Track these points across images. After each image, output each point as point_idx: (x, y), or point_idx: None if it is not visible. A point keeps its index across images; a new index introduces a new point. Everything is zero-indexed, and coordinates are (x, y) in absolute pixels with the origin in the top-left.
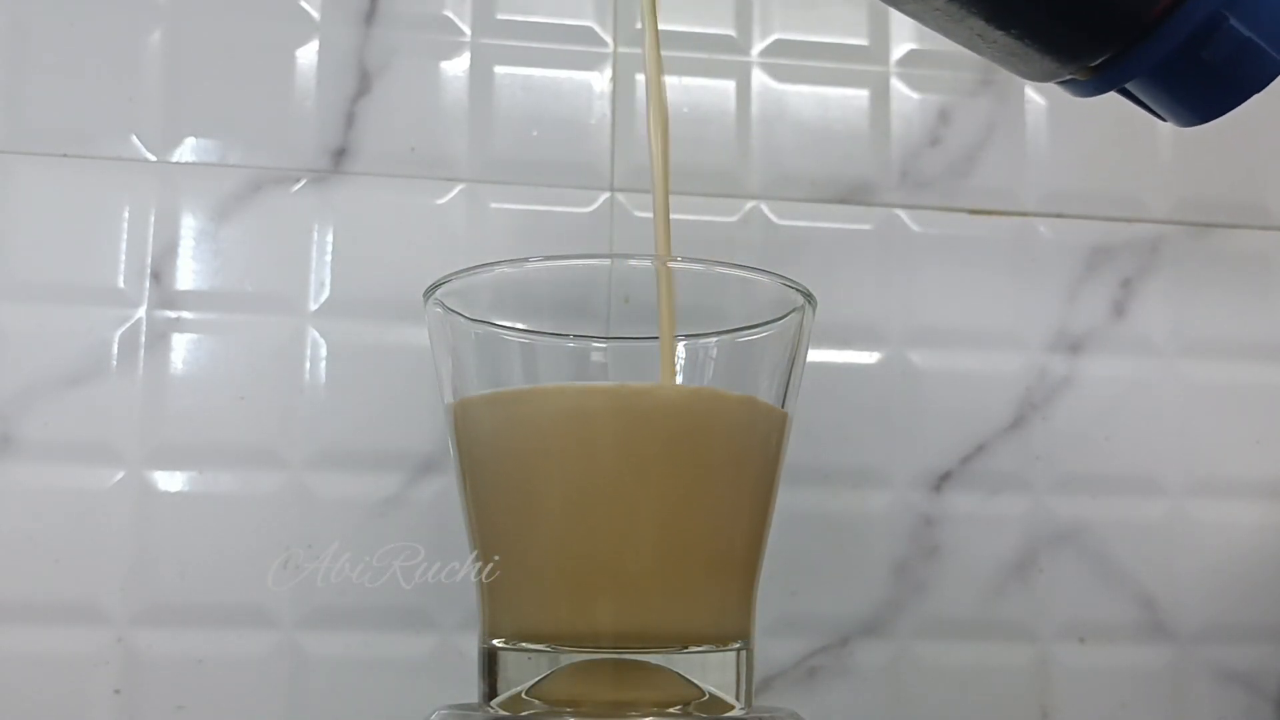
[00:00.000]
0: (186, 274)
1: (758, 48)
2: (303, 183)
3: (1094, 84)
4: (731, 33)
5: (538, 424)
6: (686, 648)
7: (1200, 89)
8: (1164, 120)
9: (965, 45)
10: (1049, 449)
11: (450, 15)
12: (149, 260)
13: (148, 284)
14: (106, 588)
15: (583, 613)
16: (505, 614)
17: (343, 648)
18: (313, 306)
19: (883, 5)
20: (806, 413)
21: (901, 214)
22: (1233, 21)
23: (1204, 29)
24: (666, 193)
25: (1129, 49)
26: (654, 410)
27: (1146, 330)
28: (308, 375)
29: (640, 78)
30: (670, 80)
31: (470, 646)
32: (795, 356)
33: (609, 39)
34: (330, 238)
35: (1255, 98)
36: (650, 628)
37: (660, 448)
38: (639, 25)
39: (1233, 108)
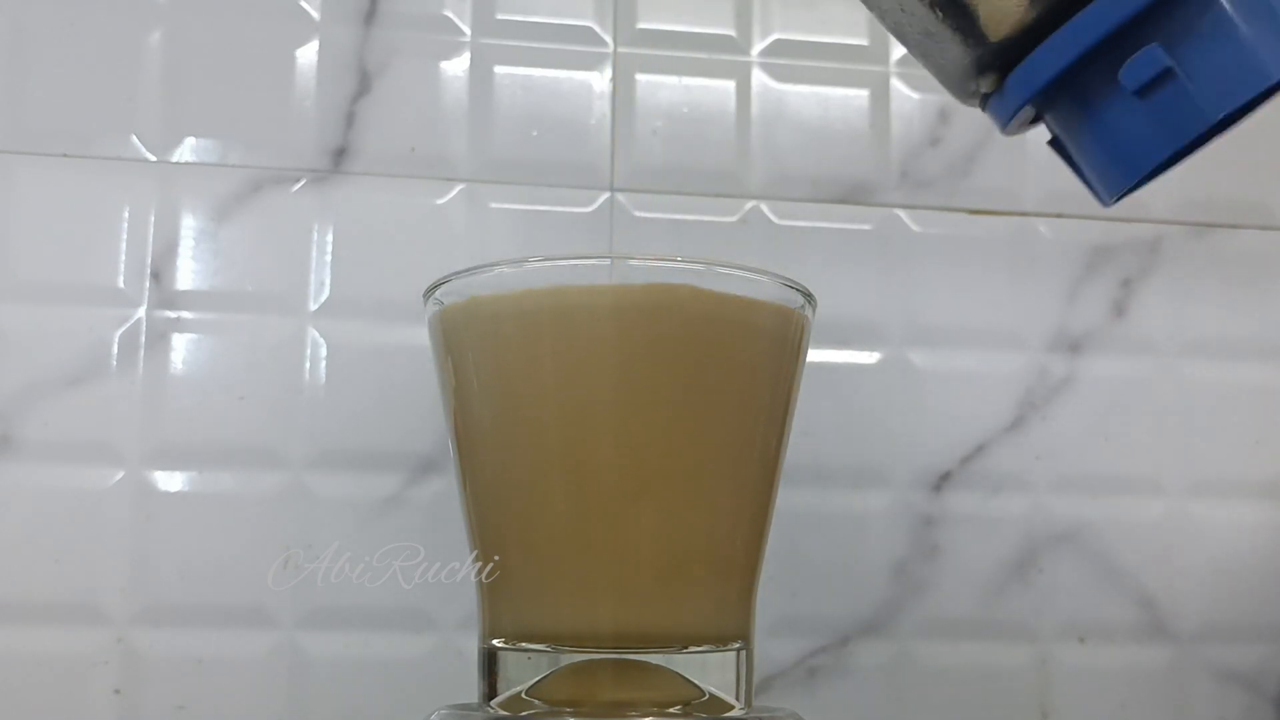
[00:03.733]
0: (186, 274)
1: (758, 48)
2: (303, 183)
3: (1007, 96)
4: (731, 33)
5: (533, 327)
6: (686, 648)
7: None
8: (1091, 191)
9: (893, 30)
10: (1049, 449)
11: (450, 15)
12: (149, 260)
13: (148, 284)
14: (106, 588)
15: (583, 612)
16: (505, 614)
17: (343, 648)
18: (313, 306)
19: None
20: (806, 413)
21: (901, 214)
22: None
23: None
24: None
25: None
26: (659, 308)
27: (1146, 330)
28: (307, 375)
29: (640, 77)
30: (670, 80)
31: (470, 646)
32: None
33: (609, 39)
34: (330, 238)
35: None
36: (650, 628)
37: (665, 352)
38: (640, 25)
39: (1158, 163)
